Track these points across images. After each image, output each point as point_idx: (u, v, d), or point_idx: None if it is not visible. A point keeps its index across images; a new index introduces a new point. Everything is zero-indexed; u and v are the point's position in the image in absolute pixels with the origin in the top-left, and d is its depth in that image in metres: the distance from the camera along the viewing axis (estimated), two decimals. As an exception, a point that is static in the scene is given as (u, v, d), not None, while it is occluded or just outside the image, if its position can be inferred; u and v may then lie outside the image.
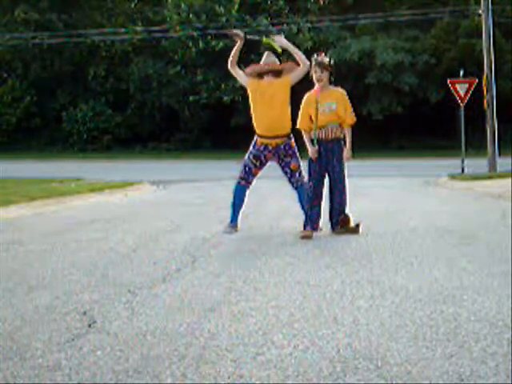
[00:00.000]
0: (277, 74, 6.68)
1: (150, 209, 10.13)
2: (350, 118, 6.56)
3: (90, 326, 3.29)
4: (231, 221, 6.73)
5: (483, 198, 10.91)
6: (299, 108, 6.65)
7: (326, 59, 6.48)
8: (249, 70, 6.82)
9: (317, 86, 6.48)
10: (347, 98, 6.59)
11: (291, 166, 6.66)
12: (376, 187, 13.76)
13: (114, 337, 3.09)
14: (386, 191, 12.79)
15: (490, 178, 16.01)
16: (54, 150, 38.62)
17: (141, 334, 3.13)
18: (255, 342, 2.97)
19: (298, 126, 6.64)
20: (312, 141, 6.51)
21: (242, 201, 6.77)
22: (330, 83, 6.55)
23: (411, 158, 29.12)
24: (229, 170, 23.07)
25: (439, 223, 7.27)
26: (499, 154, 19.30)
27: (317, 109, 6.41)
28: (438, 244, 5.79)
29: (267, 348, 2.88)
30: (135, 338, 3.05)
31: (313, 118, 6.47)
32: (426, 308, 3.50)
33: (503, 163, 18.62)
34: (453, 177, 16.59)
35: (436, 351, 2.78)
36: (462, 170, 18.22)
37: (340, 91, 6.60)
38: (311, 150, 6.48)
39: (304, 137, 6.61)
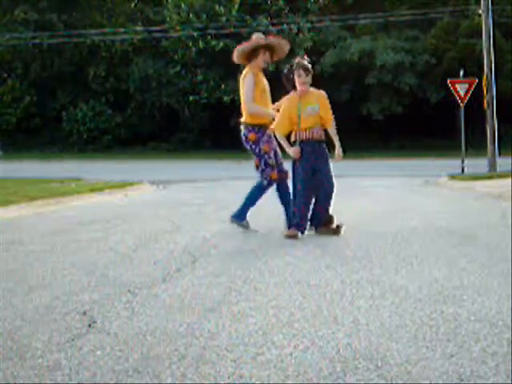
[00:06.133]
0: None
1: (150, 209, 10.12)
2: (331, 119, 6.56)
3: (90, 325, 3.29)
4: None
5: (483, 198, 10.91)
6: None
7: (308, 63, 6.50)
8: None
9: (299, 88, 6.45)
10: (327, 98, 6.60)
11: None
12: (376, 187, 13.76)
13: (114, 337, 3.09)
14: (386, 191, 12.79)
15: (490, 178, 16.01)
16: (54, 150, 38.64)
17: (141, 333, 3.13)
18: (255, 342, 2.97)
19: (275, 130, 6.55)
20: (293, 142, 6.48)
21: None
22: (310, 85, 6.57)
23: (411, 158, 29.13)
24: (229, 170, 23.12)
25: (439, 223, 7.27)
26: (499, 154, 19.31)
27: (301, 111, 6.41)
28: (438, 244, 5.79)
29: (267, 348, 2.87)
30: (135, 338, 3.05)
31: (295, 120, 6.45)
32: (426, 308, 3.50)
33: (503, 163, 18.62)
34: (453, 177, 16.59)
35: (436, 351, 2.78)
36: (462, 170, 18.22)
37: (321, 93, 6.59)
38: (294, 150, 6.42)
39: (281, 141, 6.55)
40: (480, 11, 19.80)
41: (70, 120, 40.14)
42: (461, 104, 18.99)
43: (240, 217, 6.74)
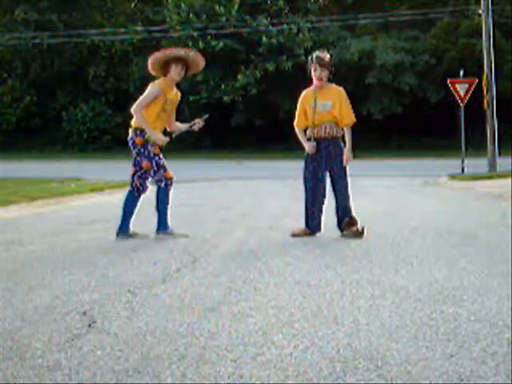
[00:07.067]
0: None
1: (149, 209, 10.10)
2: (349, 118, 6.38)
3: (90, 325, 3.29)
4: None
5: (483, 198, 10.91)
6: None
7: (327, 57, 6.38)
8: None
9: (316, 83, 6.35)
10: (346, 97, 6.39)
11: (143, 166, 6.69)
12: (376, 187, 13.75)
13: (114, 337, 3.09)
14: (386, 191, 12.79)
15: (490, 178, 16.01)
16: (54, 150, 38.60)
17: (141, 333, 3.13)
18: (255, 342, 2.97)
19: (295, 125, 6.52)
20: (308, 138, 6.41)
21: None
22: (328, 81, 6.45)
23: (411, 158, 29.10)
24: (229, 170, 23.11)
25: (439, 223, 7.27)
26: (499, 154, 19.32)
27: (315, 106, 6.32)
28: (438, 244, 5.79)
29: (267, 348, 2.87)
30: (135, 338, 3.05)
31: (309, 115, 6.37)
32: (426, 308, 3.50)
33: (503, 163, 18.62)
34: (453, 177, 16.59)
35: (436, 351, 2.78)
36: (462, 170, 18.22)
37: (339, 90, 6.41)
38: (309, 146, 6.32)
39: (299, 135, 6.50)
40: (480, 11, 19.81)
41: (70, 120, 40.12)
42: (461, 104, 18.99)
43: (125, 231, 6.52)
